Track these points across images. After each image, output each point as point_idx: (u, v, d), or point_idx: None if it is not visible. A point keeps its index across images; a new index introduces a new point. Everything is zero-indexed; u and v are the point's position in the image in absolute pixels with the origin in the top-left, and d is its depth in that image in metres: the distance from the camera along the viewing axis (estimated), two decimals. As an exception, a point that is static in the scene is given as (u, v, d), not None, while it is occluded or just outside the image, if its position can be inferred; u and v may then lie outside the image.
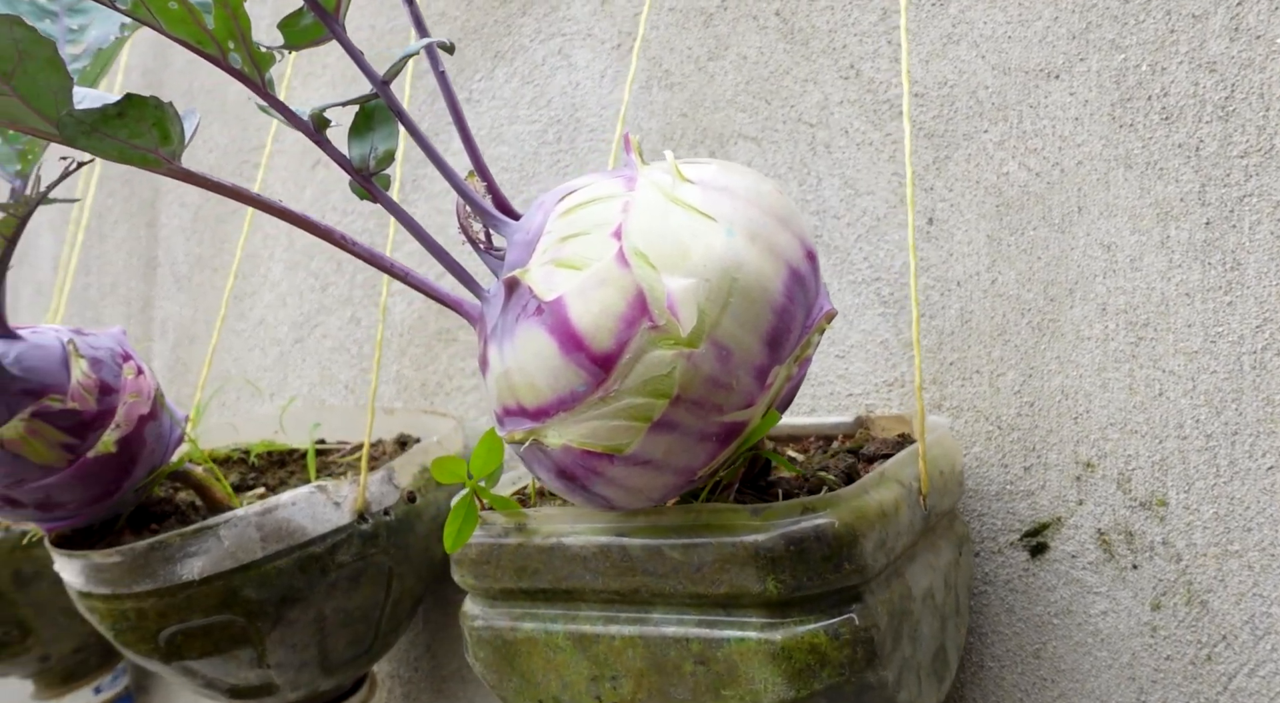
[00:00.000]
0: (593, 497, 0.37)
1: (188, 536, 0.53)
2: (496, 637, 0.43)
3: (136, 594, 0.54)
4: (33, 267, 1.11)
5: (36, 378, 0.49)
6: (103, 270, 1.03)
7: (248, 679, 0.58)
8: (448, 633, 0.71)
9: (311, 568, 0.56)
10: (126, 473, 0.53)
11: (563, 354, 0.34)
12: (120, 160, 0.38)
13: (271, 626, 0.56)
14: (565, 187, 0.37)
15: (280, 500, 0.56)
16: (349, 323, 0.82)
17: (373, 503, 0.59)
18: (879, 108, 0.56)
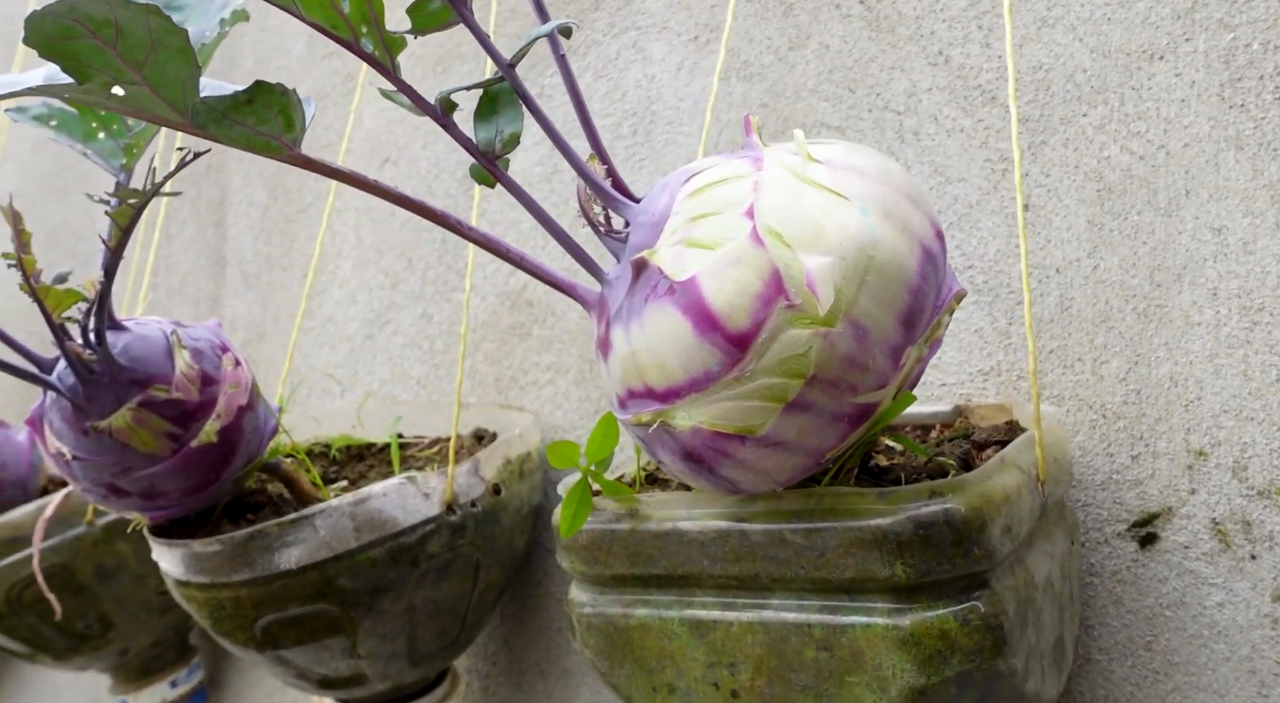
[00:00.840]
0: (718, 480, 0.37)
1: (285, 525, 0.54)
2: (608, 624, 0.43)
3: (234, 583, 0.54)
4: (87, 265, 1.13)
5: (143, 368, 0.50)
6: (170, 270, 1.05)
7: (338, 670, 0.59)
8: (525, 627, 0.71)
9: (403, 559, 0.57)
10: (226, 463, 0.54)
11: (696, 334, 0.33)
12: (245, 147, 0.39)
13: (364, 615, 0.56)
14: (688, 169, 0.37)
15: (372, 491, 0.56)
16: (421, 319, 0.82)
17: (460, 495, 0.60)
18: (969, 94, 0.55)
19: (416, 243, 0.83)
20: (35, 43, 0.34)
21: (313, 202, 0.92)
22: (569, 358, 0.72)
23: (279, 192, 0.96)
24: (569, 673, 0.68)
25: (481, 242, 0.41)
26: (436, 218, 0.41)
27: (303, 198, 0.93)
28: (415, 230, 0.84)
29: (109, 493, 0.51)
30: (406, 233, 0.84)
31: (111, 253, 0.46)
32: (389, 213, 0.86)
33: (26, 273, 0.44)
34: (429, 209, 0.41)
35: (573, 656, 0.68)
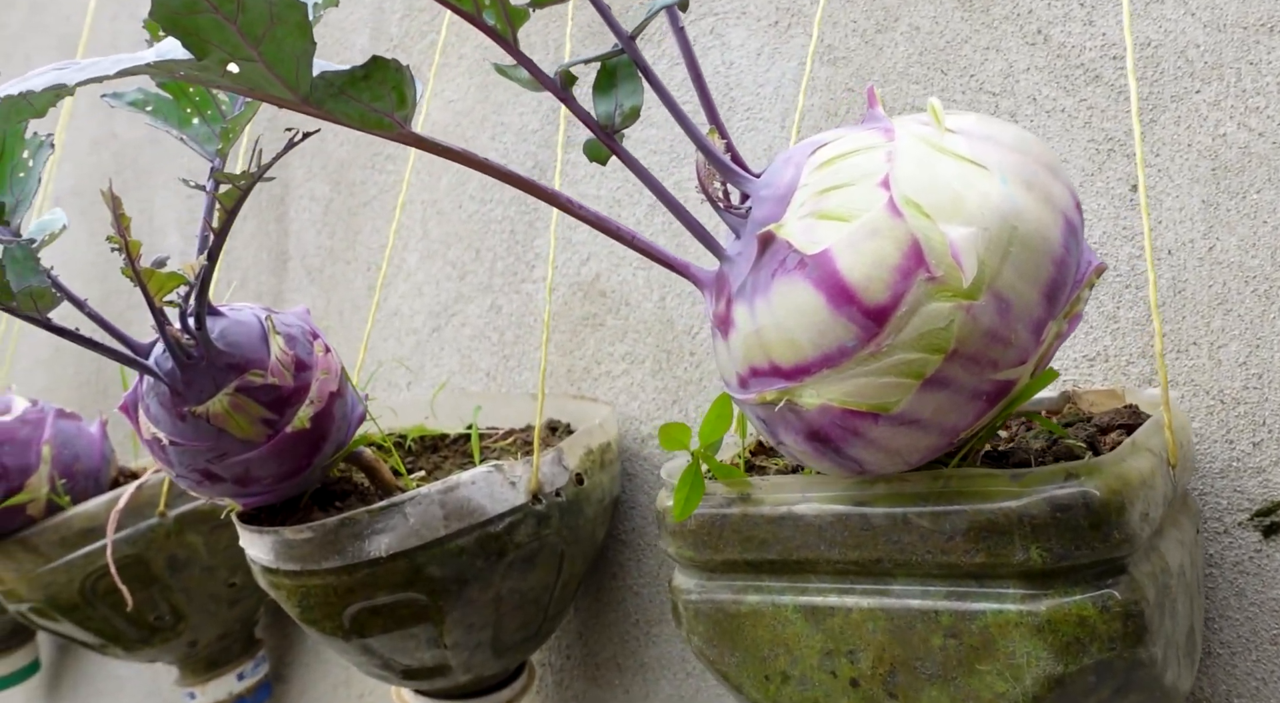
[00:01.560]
0: (844, 460, 0.36)
1: (375, 513, 0.53)
2: (717, 610, 0.42)
3: (325, 571, 0.54)
4: (161, 264, 1.14)
5: (240, 353, 0.50)
6: (231, 266, 1.05)
7: (423, 660, 0.58)
8: (600, 620, 0.70)
9: (491, 547, 0.56)
10: (317, 449, 0.53)
11: (830, 308, 0.32)
12: (358, 124, 0.38)
13: (452, 605, 0.56)
14: (813, 141, 0.36)
15: (461, 479, 0.56)
16: (489, 311, 0.82)
17: (545, 484, 0.59)
18: (1070, 73, 0.54)
19: (485, 234, 0.83)
20: (160, 16, 0.34)
21: (377, 195, 0.92)
22: (645, 348, 0.71)
23: (342, 186, 0.96)
24: (646, 667, 0.68)
25: (592, 220, 0.40)
26: (546, 195, 0.40)
27: (366, 191, 0.93)
28: (483, 222, 0.83)
29: (203, 479, 0.51)
30: (474, 224, 0.84)
31: (216, 235, 0.46)
32: (456, 205, 0.86)
33: (132, 256, 0.44)
34: (538, 186, 0.40)
35: (651, 649, 0.67)
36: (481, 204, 0.84)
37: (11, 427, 0.75)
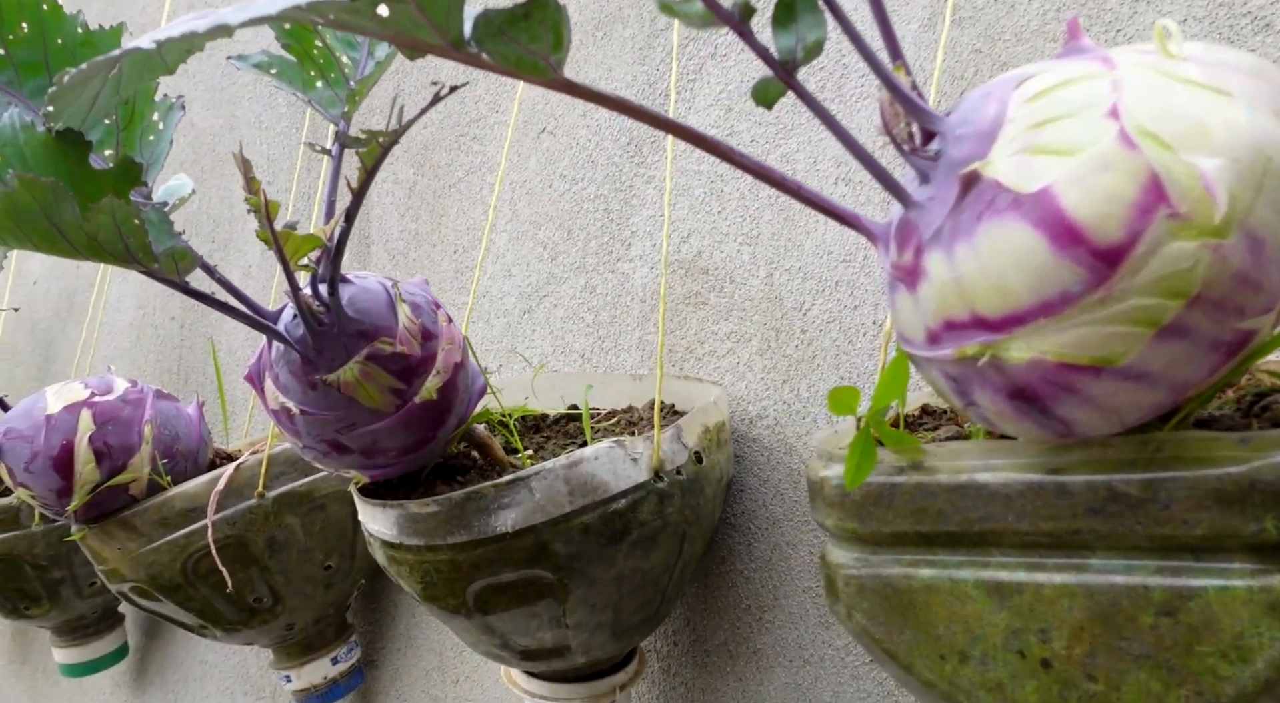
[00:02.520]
0: (1049, 422, 0.33)
1: (501, 487, 0.52)
2: (885, 586, 0.39)
3: (450, 546, 0.52)
4: (240, 250, 1.14)
5: (369, 321, 0.48)
6: (315, 250, 1.05)
7: (543, 640, 0.57)
8: (710, 606, 0.68)
9: (615, 524, 0.54)
10: (442, 421, 0.52)
11: (1053, 250, 0.30)
12: (513, 68, 0.36)
13: (577, 583, 0.54)
14: (1015, 74, 0.34)
15: (584, 454, 0.54)
16: (583, 291, 0.80)
17: (665, 461, 0.57)
18: (1236, 23, 0.50)
19: (577, 214, 0.81)
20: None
21: (463, 176, 0.91)
22: (751, 326, 0.69)
23: (426, 168, 0.95)
24: (760, 654, 0.65)
25: (754, 170, 0.38)
26: (708, 145, 0.38)
27: (452, 173, 0.92)
28: (575, 201, 0.81)
29: (330, 449, 0.50)
30: (566, 204, 0.82)
31: (355, 195, 0.45)
32: (546, 184, 0.84)
33: (270, 217, 0.43)
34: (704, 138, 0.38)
35: (765, 635, 0.65)
36: (573, 183, 0.82)
37: (114, 406, 0.74)
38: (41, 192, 0.38)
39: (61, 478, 0.72)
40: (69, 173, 0.41)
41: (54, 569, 0.99)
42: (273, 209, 0.43)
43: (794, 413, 0.66)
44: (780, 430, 0.66)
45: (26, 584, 0.99)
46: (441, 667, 0.85)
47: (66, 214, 0.39)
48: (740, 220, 0.70)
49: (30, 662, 1.35)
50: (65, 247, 0.41)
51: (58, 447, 0.72)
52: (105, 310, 1.29)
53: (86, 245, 0.41)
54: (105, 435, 0.73)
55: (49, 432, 0.72)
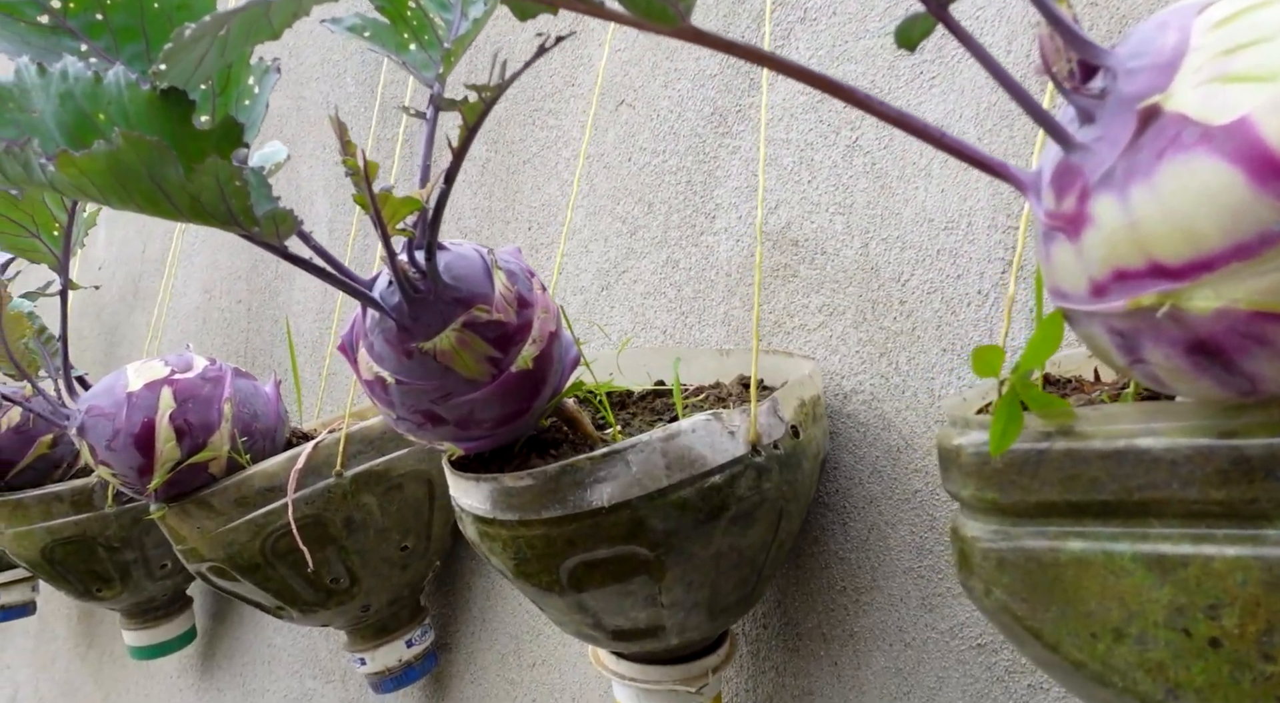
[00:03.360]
0: (1232, 378, 0.30)
1: (597, 460, 0.50)
2: (1029, 560, 0.37)
3: (545, 521, 0.51)
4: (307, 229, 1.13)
5: (466, 287, 0.47)
6: (382, 232, 1.04)
7: (637, 620, 0.55)
8: (801, 588, 0.66)
9: (713, 500, 0.52)
10: (537, 393, 0.50)
11: (1252, 185, 0.27)
12: (641, 13, 0.34)
13: (674, 560, 0.52)
14: (1194, 2, 0.31)
15: (681, 427, 0.52)
16: (665, 266, 0.78)
17: (762, 435, 0.55)
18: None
19: (658, 186, 0.79)
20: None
21: (538, 152, 0.90)
22: (845, 299, 0.66)
23: (500, 145, 0.93)
24: (856, 637, 0.63)
25: (893, 117, 0.36)
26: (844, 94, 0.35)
27: (526, 149, 0.91)
28: (656, 174, 0.79)
29: (424, 421, 0.49)
30: (646, 176, 0.80)
31: (455, 155, 0.43)
32: (624, 157, 0.82)
33: (369, 178, 0.41)
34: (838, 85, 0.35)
35: (861, 618, 0.63)
36: (653, 155, 0.80)
37: (194, 384, 0.74)
38: (146, 150, 0.37)
39: (143, 456, 0.72)
40: (172, 133, 0.40)
41: (126, 551, 0.99)
42: (372, 170, 0.42)
43: (892, 387, 0.63)
44: (877, 406, 0.64)
45: (99, 566, 0.99)
46: (517, 651, 0.83)
47: (170, 174, 0.38)
48: (833, 189, 0.68)
49: (96, 645, 1.36)
50: (168, 207, 0.40)
51: (139, 424, 0.71)
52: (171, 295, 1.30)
53: (189, 206, 0.40)
54: (186, 413, 0.73)
55: (130, 409, 0.72)
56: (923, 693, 0.59)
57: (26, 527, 0.96)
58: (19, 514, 0.96)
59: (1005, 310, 0.47)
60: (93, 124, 0.40)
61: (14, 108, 0.39)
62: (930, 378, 0.61)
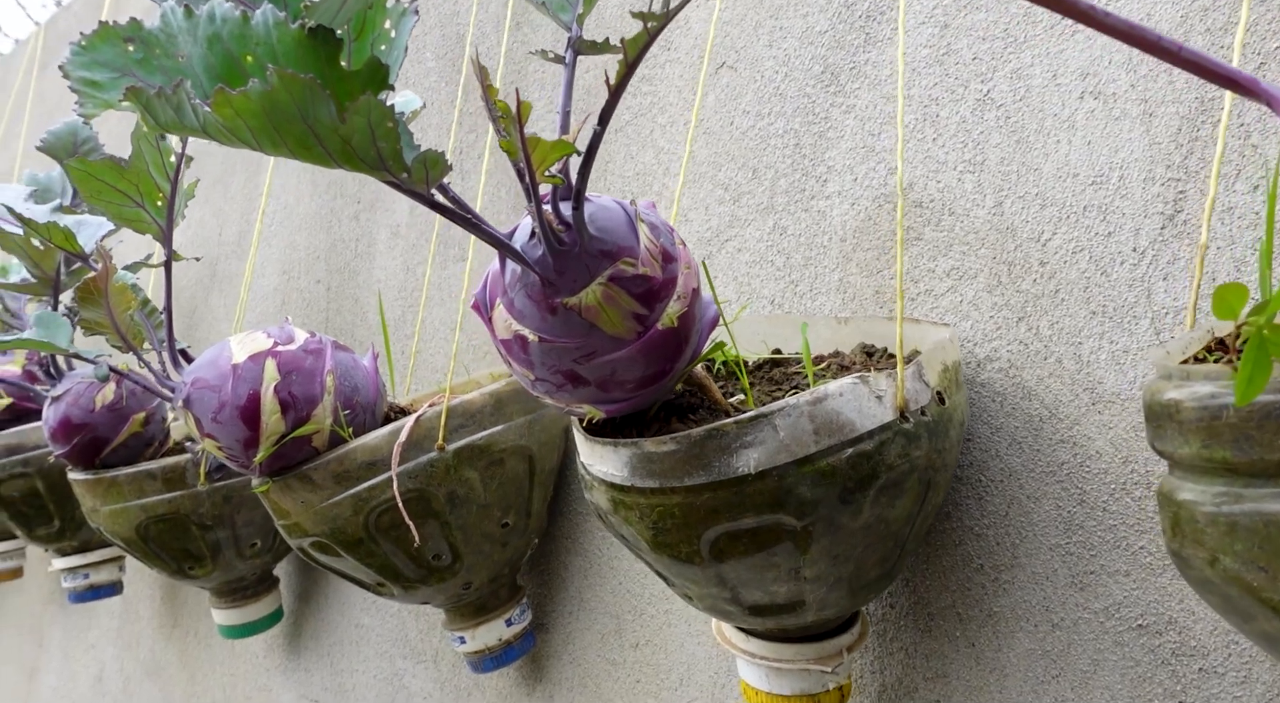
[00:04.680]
0: None
1: (744, 424, 0.48)
2: (1268, 525, 0.34)
3: (686, 488, 0.48)
4: (387, 209, 1.12)
5: (611, 239, 0.45)
6: (467, 207, 1.02)
7: (776, 594, 0.52)
8: (933, 565, 0.63)
9: (863, 468, 0.49)
10: (679, 353, 0.48)
11: None
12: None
13: (823, 531, 0.49)
14: None
15: (828, 390, 0.49)
16: (772, 232, 0.75)
17: (909, 401, 0.52)
18: None
19: (763, 151, 0.76)
20: None
21: (630, 120, 0.87)
22: (977, 261, 0.63)
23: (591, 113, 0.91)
24: (996, 617, 0.60)
25: (1122, 30, 0.32)
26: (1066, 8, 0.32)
27: (619, 117, 0.88)
28: (760, 138, 0.76)
29: (565, 382, 0.46)
30: (750, 141, 0.77)
31: (612, 93, 0.41)
32: (726, 122, 0.79)
33: (522, 120, 0.39)
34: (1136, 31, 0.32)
35: (1002, 597, 0.59)
36: (757, 119, 0.77)
37: (297, 356, 0.73)
38: (300, 89, 0.35)
39: (248, 429, 0.71)
40: (320, 74, 0.38)
41: (218, 529, 0.99)
42: (525, 111, 0.39)
43: (1032, 354, 0.60)
44: (1016, 374, 0.60)
45: (191, 544, 0.99)
46: (619, 630, 0.81)
47: (323, 115, 0.36)
48: (961, 147, 0.64)
49: (181, 625, 1.37)
50: (319, 151, 0.38)
51: (245, 397, 0.70)
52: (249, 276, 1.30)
53: (339, 150, 0.38)
54: (290, 386, 0.72)
55: (236, 381, 0.71)
56: (1074, 677, 0.56)
57: (121, 504, 0.96)
58: (114, 492, 0.96)
59: (1198, 259, 0.44)
60: (240, 67, 0.38)
61: (160, 53, 0.37)
62: (1077, 343, 0.58)
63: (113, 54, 0.36)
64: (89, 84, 0.36)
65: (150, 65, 0.37)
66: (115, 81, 0.36)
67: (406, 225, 1.10)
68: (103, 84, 0.36)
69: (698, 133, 0.81)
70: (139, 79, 0.37)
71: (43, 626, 1.71)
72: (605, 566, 0.83)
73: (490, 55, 1.01)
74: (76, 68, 0.37)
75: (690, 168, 0.82)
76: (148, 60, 0.37)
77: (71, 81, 0.37)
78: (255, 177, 1.37)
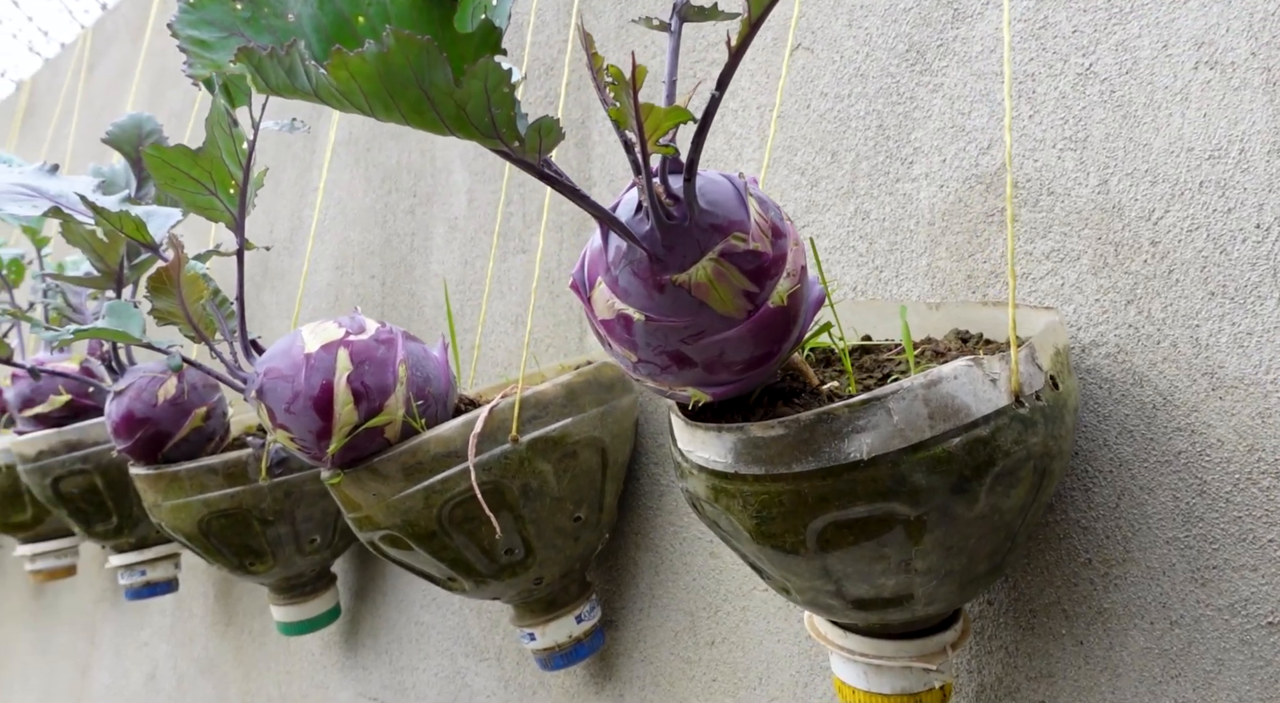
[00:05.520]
0: None
1: (856, 408, 0.45)
2: None
3: (795, 475, 0.46)
4: (444, 203, 1.11)
5: (722, 213, 0.43)
6: (527, 198, 1.01)
7: (883, 587, 0.50)
8: (1035, 560, 0.60)
9: (979, 454, 0.47)
10: (787, 333, 0.46)
11: None
12: None
13: (936, 522, 0.47)
14: None
15: (943, 373, 0.47)
16: (853, 217, 0.73)
17: (1024, 385, 0.49)
18: None
19: (843, 134, 0.74)
20: None
21: (700, 106, 0.85)
22: (1080, 242, 0.60)
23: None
24: (1107, 615, 0.57)
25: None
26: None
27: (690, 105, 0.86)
28: (840, 121, 0.74)
29: (670, 363, 0.44)
30: (828, 124, 0.75)
31: (732, 55, 0.39)
32: (802, 105, 0.77)
33: (636, 86, 0.37)
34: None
35: (1113, 594, 0.57)
36: (836, 101, 0.75)
37: (369, 346, 0.72)
38: (417, 51, 0.34)
39: (321, 419, 0.69)
40: (434, 35, 0.37)
41: (279, 524, 0.98)
42: (640, 76, 0.37)
43: (1144, 338, 0.57)
44: (1125, 359, 0.57)
45: (253, 540, 0.99)
46: (693, 628, 0.79)
47: (439, 78, 0.35)
48: (1061, 123, 0.62)
49: (235, 623, 1.37)
50: (432, 116, 0.36)
51: (318, 387, 0.69)
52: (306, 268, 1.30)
53: (453, 116, 0.36)
54: (362, 376, 0.70)
55: (309, 371, 0.69)
56: (1196, 677, 0.53)
57: (183, 499, 0.95)
58: (175, 487, 0.96)
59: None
60: (351, 28, 0.36)
61: (269, 13, 0.36)
62: (1194, 326, 0.55)
63: (220, 12, 0.35)
64: (197, 43, 0.35)
65: (258, 24, 0.36)
66: (223, 41, 0.35)
67: (464, 218, 1.09)
68: (210, 44, 0.35)
69: (770, 117, 0.79)
70: (246, 38, 0.35)
71: (95, 623, 1.72)
72: (677, 561, 0.81)
73: (547, 44, 0.99)
74: (184, 26, 0.35)
75: (763, 153, 0.79)
76: (255, 19, 0.36)
77: (180, 40, 0.36)
78: (306, 173, 1.37)
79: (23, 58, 2.82)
